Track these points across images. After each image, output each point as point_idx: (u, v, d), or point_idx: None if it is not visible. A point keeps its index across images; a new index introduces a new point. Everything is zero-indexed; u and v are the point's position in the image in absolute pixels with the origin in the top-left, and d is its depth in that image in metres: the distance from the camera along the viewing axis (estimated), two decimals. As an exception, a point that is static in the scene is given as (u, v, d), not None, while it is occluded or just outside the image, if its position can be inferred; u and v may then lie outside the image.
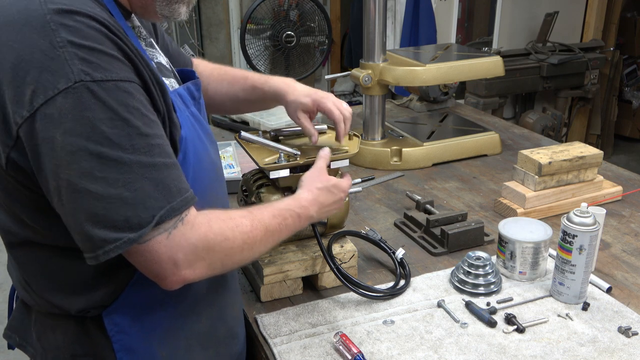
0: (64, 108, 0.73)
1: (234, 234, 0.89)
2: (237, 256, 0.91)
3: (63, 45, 0.74)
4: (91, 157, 0.74)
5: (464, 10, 4.53)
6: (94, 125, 0.74)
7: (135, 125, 0.77)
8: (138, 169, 0.77)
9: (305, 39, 3.59)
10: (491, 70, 2.02)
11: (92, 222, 0.76)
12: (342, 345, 1.09)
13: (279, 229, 0.99)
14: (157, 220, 0.78)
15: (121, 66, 0.78)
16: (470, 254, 1.30)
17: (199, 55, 5.33)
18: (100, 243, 0.77)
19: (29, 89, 0.73)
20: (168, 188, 0.80)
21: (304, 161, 1.24)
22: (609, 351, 1.10)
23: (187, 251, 0.82)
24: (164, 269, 0.82)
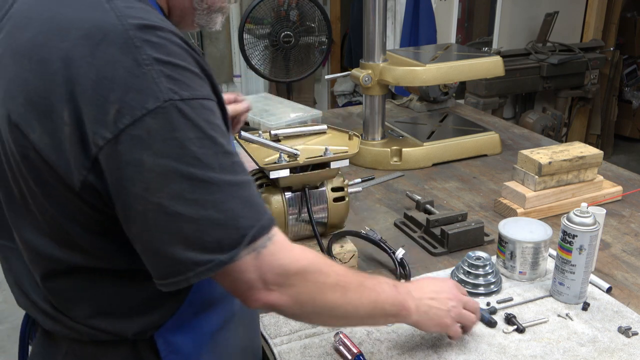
0: (153, 129, 0.68)
1: (328, 270, 0.84)
2: (328, 294, 0.84)
3: (149, 62, 0.69)
4: (182, 179, 0.70)
5: (464, 10, 4.53)
6: (183, 145, 0.70)
7: (220, 144, 0.73)
8: (226, 189, 0.73)
9: (305, 39, 3.59)
10: (491, 70, 2.02)
11: (183, 245, 0.71)
12: (342, 345, 1.09)
13: (373, 289, 0.91)
14: (248, 240, 0.74)
15: (202, 83, 0.75)
16: (470, 254, 1.30)
17: (199, 55, 5.32)
18: (192, 266, 0.72)
19: (112, 109, 0.68)
20: (255, 206, 0.76)
21: (304, 161, 1.24)
22: (609, 351, 1.10)
23: (277, 272, 0.78)
24: (251, 288, 0.77)
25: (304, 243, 1.32)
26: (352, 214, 1.62)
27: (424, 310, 1.00)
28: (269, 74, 3.43)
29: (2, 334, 2.89)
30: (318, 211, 1.30)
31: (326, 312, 0.86)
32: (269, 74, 3.43)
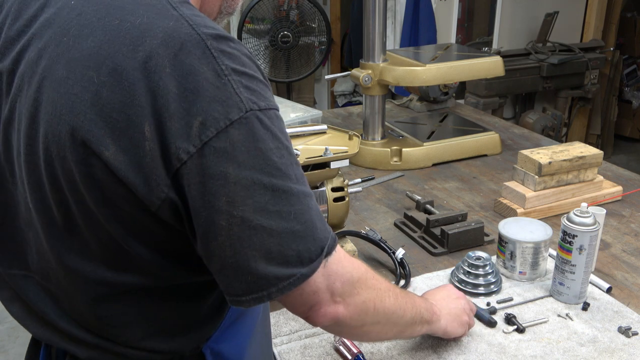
0: (237, 140, 0.66)
1: (376, 278, 0.84)
2: (386, 300, 0.85)
3: (228, 73, 0.67)
4: (265, 191, 0.68)
5: (464, 10, 4.53)
6: (266, 156, 0.68)
7: (293, 154, 0.73)
8: (303, 199, 0.71)
9: (305, 39, 3.59)
10: (491, 70, 2.02)
11: (265, 259, 0.69)
12: (342, 345, 1.09)
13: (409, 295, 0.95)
14: (326, 251, 0.73)
15: (271, 93, 0.74)
16: (470, 254, 1.30)
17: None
18: (274, 281, 0.69)
19: (196, 121, 0.65)
20: (322, 218, 0.75)
21: (304, 161, 1.24)
22: (609, 351, 1.10)
23: (344, 279, 0.76)
24: (320, 299, 0.75)
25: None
26: (352, 214, 1.62)
27: (446, 312, 1.05)
28: (269, 74, 3.43)
29: (2, 334, 2.89)
30: (318, 211, 1.29)
31: (384, 318, 0.86)
32: (269, 74, 3.43)
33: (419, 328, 0.97)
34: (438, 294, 1.10)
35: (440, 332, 1.05)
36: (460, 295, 1.13)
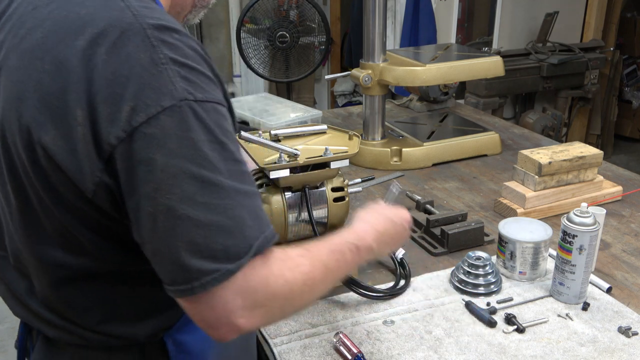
0: (168, 127, 0.67)
1: (294, 276, 0.77)
2: (297, 301, 0.79)
3: (165, 62, 0.68)
4: (194, 181, 0.68)
5: (464, 10, 4.53)
6: (197, 146, 0.68)
7: (230, 150, 0.72)
8: (235, 196, 0.71)
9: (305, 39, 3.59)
10: (491, 70, 2.02)
11: (190, 251, 0.68)
12: (342, 345, 1.09)
13: (337, 266, 0.88)
14: (254, 251, 0.71)
15: (215, 88, 0.74)
16: (470, 254, 1.30)
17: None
18: (197, 274, 0.68)
19: (127, 106, 0.67)
20: (260, 218, 0.74)
21: (304, 161, 1.24)
22: (609, 351, 1.10)
23: (247, 295, 0.72)
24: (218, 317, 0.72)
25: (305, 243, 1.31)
26: (352, 214, 1.62)
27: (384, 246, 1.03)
28: (269, 73, 3.43)
29: (2, 334, 2.89)
30: (318, 211, 1.30)
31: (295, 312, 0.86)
32: (269, 73, 3.43)
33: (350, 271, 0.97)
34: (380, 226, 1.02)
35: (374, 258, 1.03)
36: (408, 223, 1.08)
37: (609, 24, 4.79)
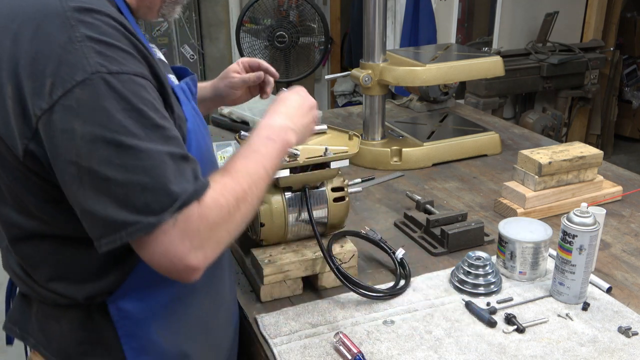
0: (82, 99, 0.76)
1: (226, 198, 0.86)
2: (237, 216, 0.88)
3: (81, 39, 0.76)
4: (108, 146, 0.76)
5: (464, 10, 4.53)
6: (110, 114, 0.76)
7: (149, 117, 0.79)
8: (156, 156, 0.78)
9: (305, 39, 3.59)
10: (491, 70, 2.02)
11: (114, 207, 0.77)
12: (342, 345, 1.09)
13: (258, 166, 0.95)
14: (178, 205, 0.79)
15: (136, 63, 0.81)
16: (470, 254, 1.30)
17: (199, 56, 5.34)
18: (123, 226, 0.77)
19: (48, 82, 0.76)
20: (184, 174, 0.82)
21: (304, 161, 1.24)
22: (609, 351, 1.10)
23: (192, 238, 0.82)
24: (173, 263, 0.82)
25: (305, 243, 1.32)
26: (352, 214, 1.62)
27: (300, 131, 1.07)
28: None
29: (2, 334, 2.89)
30: (318, 211, 1.30)
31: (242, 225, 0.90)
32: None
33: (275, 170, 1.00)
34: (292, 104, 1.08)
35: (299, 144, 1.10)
36: (313, 105, 1.12)
37: (609, 24, 4.79)
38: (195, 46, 5.25)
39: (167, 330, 1.01)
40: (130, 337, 0.97)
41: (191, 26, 5.21)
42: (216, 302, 1.12)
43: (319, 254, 1.27)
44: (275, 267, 1.25)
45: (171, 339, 1.02)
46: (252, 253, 1.29)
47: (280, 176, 1.22)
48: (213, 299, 1.11)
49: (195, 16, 5.21)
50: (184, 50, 5.23)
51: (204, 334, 1.09)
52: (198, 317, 1.07)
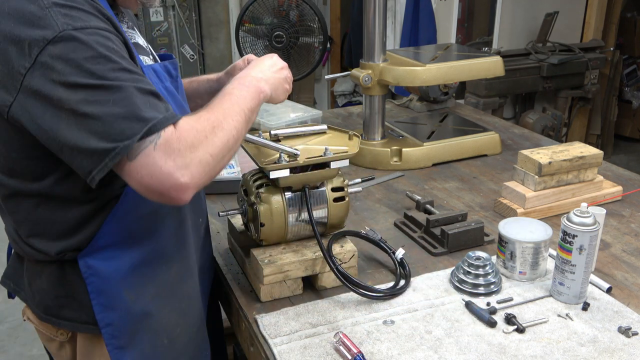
0: (54, 54, 0.88)
1: (201, 123, 0.97)
2: (216, 141, 0.97)
3: (48, 6, 0.90)
4: (83, 89, 0.88)
5: (464, 10, 4.53)
6: (79, 63, 0.89)
7: (116, 61, 0.92)
8: (126, 90, 0.90)
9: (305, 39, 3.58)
10: (491, 70, 2.02)
11: (95, 139, 0.89)
12: (342, 345, 1.09)
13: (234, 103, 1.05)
14: (150, 127, 0.89)
15: (100, 22, 0.94)
16: (470, 254, 1.30)
17: (199, 55, 5.34)
18: (104, 154, 0.89)
19: (26, 44, 0.89)
20: (155, 105, 0.93)
21: (304, 161, 1.24)
22: (609, 351, 1.10)
23: (175, 154, 0.91)
24: (161, 181, 0.90)
25: (305, 243, 1.32)
26: (352, 214, 1.62)
27: (272, 83, 1.18)
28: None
29: (2, 334, 2.89)
30: (318, 211, 1.30)
31: (224, 152, 0.99)
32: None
33: (254, 116, 1.10)
34: (264, 63, 1.22)
35: (268, 100, 1.18)
36: (284, 66, 1.25)
37: (609, 24, 4.79)
38: (195, 46, 5.25)
39: (134, 291, 1.12)
40: (98, 293, 1.09)
41: (191, 26, 5.21)
42: (184, 271, 1.22)
43: (319, 254, 1.27)
44: (275, 267, 1.25)
45: (137, 299, 1.13)
46: (252, 253, 1.29)
47: (280, 176, 1.22)
48: (181, 267, 1.21)
49: (195, 16, 5.21)
50: (184, 50, 5.23)
51: (170, 298, 1.19)
52: (165, 281, 1.17)
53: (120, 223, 1.08)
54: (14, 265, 1.20)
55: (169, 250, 1.17)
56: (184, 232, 1.21)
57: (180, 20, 5.15)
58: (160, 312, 1.17)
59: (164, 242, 1.15)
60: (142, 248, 1.12)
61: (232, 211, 1.34)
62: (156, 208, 1.12)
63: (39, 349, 2.78)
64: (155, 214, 1.12)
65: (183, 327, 1.23)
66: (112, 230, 1.07)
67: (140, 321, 1.14)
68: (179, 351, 1.23)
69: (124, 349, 1.13)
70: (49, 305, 1.13)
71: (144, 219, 1.11)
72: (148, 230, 1.12)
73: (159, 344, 1.18)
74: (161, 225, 1.14)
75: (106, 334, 1.11)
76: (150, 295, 1.14)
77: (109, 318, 1.10)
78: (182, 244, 1.21)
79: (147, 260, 1.13)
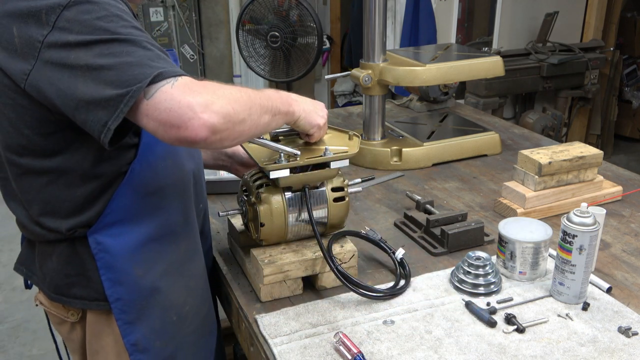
0: (70, 17, 0.93)
1: (225, 86, 0.99)
2: (241, 101, 0.99)
3: None
4: (98, 44, 0.92)
5: (464, 10, 4.53)
6: (93, 23, 0.93)
7: (127, 20, 0.96)
8: (138, 44, 0.94)
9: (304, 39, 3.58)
10: (491, 70, 2.02)
11: (110, 88, 0.91)
12: (342, 345, 1.09)
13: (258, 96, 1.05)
14: (158, 73, 0.91)
15: None
16: (470, 254, 1.30)
17: (199, 55, 5.34)
18: (119, 99, 0.91)
19: (43, 14, 0.94)
20: (165, 59, 0.96)
21: (304, 161, 1.24)
22: (609, 351, 1.10)
23: (194, 93, 0.92)
24: (180, 114, 0.91)
25: (305, 243, 1.32)
26: (352, 214, 1.62)
27: (304, 108, 1.18)
28: (269, 74, 3.43)
29: (2, 334, 2.89)
30: (318, 211, 1.30)
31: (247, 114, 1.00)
32: (269, 74, 3.43)
33: (278, 119, 1.11)
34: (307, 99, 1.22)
35: (295, 120, 1.17)
36: (324, 111, 1.25)
37: (609, 24, 4.79)
38: (195, 46, 5.25)
39: (143, 267, 1.15)
40: (107, 269, 1.12)
41: (191, 26, 5.21)
42: (192, 249, 1.26)
43: (319, 254, 1.27)
44: (275, 267, 1.25)
45: (146, 274, 1.16)
46: (252, 253, 1.29)
47: (280, 176, 1.22)
48: (188, 245, 1.25)
49: (195, 16, 5.21)
50: (184, 50, 5.23)
51: (178, 276, 1.22)
52: (174, 259, 1.21)
53: (127, 200, 1.11)
54: (26, 251, 1.23)
55: (176, 228, 1.20)
56: (189, 212, 1.25)
57: (180, 20, 5.15)
58: (169, 288, 1.20)
59: (171, 220, 1.19)
60: (149, 225, 1.15)
61: (232, 211, 1.34)
62: (162, 186, 1.16)
63: (39, 349, 2.78)
64: (161, 192, 1.16)
65: (191, 305, 1.26)
66: (120, 207, 1.11)
67: (149, 297, 1.17)
68: (187, 328, 1.25)
69: (133, 323, 1.16)
70: (59, 285, 1.16)
71: (150, 196, 1.14)
72: (155, 207, 1.16)
73: (168, 320, 1.21)
74: (168, 203, 1.17)
75: (116, 309, 1.14)
76: (158, 271, 1.18)
77: (118, 293, 1.13)
78: (188, 222, 1.25)
79: (156, 237, 1.16)
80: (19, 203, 1.15)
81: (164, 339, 1.21)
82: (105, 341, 1.18)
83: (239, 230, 1.40)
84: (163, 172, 1.16)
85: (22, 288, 3.17)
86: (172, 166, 1.18)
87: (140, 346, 1.17)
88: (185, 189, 1.23)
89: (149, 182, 1.13)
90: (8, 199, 1.17)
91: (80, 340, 1.23)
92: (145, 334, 1.18)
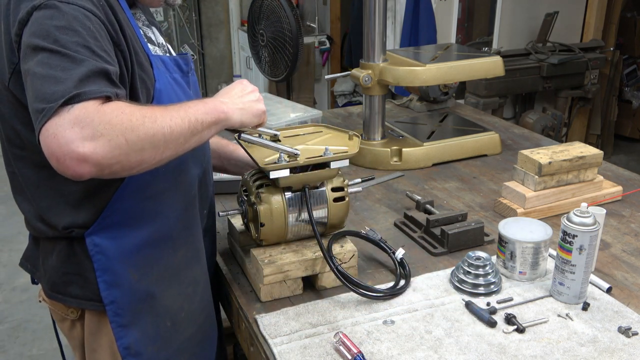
0: (35, 18, 0.95)
1: (133, 110, 0.94)
2: (140, 130, 0.94)
3: None
4: (43, 51, 0.93)
5: (464, 10, 4.53)
6: (49, 30, 0.94)
7: (83, 37, 0.95)
8: (78, 61, 0.93)
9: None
10: (491, 70, 2.02)
11: (36, 99, 0.91)
12: (342, 345, 1.09)
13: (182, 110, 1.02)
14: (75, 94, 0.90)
15: (89, 3, 0.98)
16: (470, 254, 1.30)
17: (199, 55, 5.34)
18: (40, 112, 0.90)
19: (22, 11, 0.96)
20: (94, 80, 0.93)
21: (304, 161, 1.24)
22: (609, 351, 1.10)
23: (81, 124, 0.89)
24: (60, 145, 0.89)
25: (305, 243, 1.32)
26: (352, 214, 1.62)
27: (240, 107, 1.14)
28: (269, 74, 3.43)
29: (2, 334, 2.89)
30: (318, 211, 1.30)
31: (147, 144, 0.95)
32: (269, 74, 3.43)
33: (206, 133, 1.06)
34: (232, 91, 1.18)
35: (237, 125, 1.14)
36: (253, 89, 1.20)
37: (609, 24, 4.79)
38: (195, 46, 5.26)
39: (138, 271, 1.15)
40: (104, 271, 1.13)
41: (191, 26, 5.21)
42: (191, 256, 1.25)
43: (319, 254, 1.27)
44: (275, 267, 1.25)
45: (141, 279, 1.16)
46: (252, 253, 1.29)
47: (280, 176, 1.22)
48: (187, 252, 1.24)
49: (195, 16, 5.21)
50: (184, 50, 5.23)
51: (174, 282, 1.22)
52: (170, 265, 1.20)
53: (125, 202, 1.11)
54: (31, 247, 1.25)
55: (174, 234, 1.20)
56: (191, 218, 1.24)
57: (180, 20, 5.15)
58: (164, 294, 1.20)
59: (169, 225, 1.18)
60: (147, 229, 1.15)
61: (232, 211, 1.34)
62: (162, 190, 1.15)
63: (38, 349, 2.78)
64: (161, 196, 1.15)
65: (188, 312, 1.25)
66: (118, 209, 1.11)
67: (144, 301, 1.17)
68: (183, 335, 1.25)
69: (127, 327, 1.16)
70: (57, 282, 1.17)
71: (149, 200, 1.14)
72: (153, 212, 1.15)
73: (162, 326, 1.21)
74: (167, 208, 1.17)
75: (110, 311, 1.15)
76: (154, 276, 1.18)
77: (113, 295, 1.14)
78: (189, 229, 1.24)
79: (153, 242, 1.16)
80: (24, 197, 1.16)
81: (158, 344, 1.21)
82: (102, 340, 1.19)
83: (239, 230, 1.40)
84: (164, 176, 1.14)
85: (22, 288, 3.18)
86: (174, 170, 1.16)
87: (133, 350, 1.17)
88: (188, 194, 1.22)
89: (148, 185, 1.12)
90: (15, 193, 1.19)
91: (80, 337, 1.23)
92: (138, 338, 1.18)
